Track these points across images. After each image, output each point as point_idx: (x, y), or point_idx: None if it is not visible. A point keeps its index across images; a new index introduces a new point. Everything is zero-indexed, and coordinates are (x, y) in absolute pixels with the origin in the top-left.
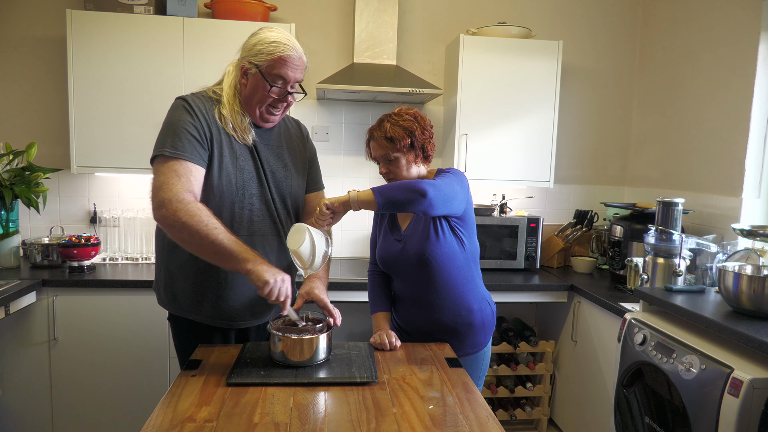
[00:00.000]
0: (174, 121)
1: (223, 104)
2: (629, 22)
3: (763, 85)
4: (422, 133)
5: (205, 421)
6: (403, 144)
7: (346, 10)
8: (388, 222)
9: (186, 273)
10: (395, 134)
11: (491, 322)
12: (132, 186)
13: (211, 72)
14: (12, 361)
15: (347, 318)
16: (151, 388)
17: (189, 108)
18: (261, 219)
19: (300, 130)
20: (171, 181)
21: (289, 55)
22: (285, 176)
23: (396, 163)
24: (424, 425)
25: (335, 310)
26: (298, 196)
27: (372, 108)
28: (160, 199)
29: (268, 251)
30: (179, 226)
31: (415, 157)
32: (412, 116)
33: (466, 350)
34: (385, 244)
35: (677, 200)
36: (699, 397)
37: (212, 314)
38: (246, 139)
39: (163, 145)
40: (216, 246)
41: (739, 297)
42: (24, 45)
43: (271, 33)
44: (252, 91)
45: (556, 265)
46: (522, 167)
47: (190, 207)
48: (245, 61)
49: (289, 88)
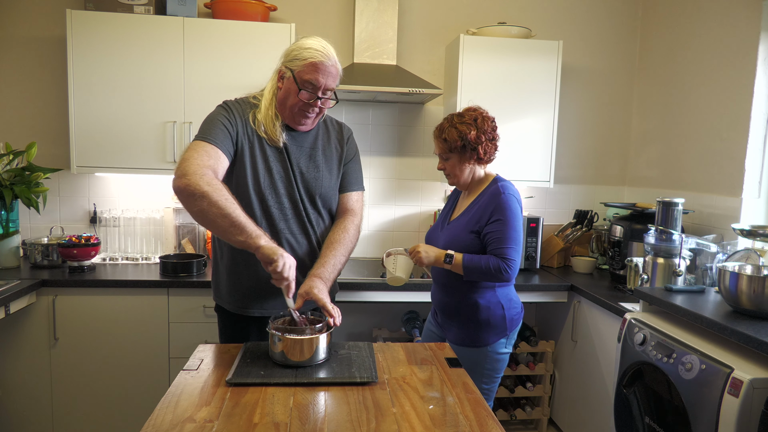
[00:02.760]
0: (212, 116)
1: (259, 109)
2: (629, 22)
3: (763, 85)
4: (477, 137)
5: (205, 421)
6: (455, 146)
7: (346, 10)
8: (445, 211)
9: (226, 264)
10: (449, 136)
11: (499, 325)
12: (132, 186)
13: (211, 72)
14: (12, 361)
15: (347, 318)
16: (151, 388)
17: (227, 108)
18: (289, 218)
19: (342, 132)
20: (198, 155)
21: (321, 61)
22: (315, 177)
23: (450, 162)
24: (424, 425)
25: (335, 310)
26: (330, 197)
27: (372, 108)
28: (183, 169)
29: (295, 248)
30: (199, 194)
31: (468, 159)
32: (472, 118)
33: (466, 341)
34: (433, 227)
35: (677, 200)
36: (699, 397)
37: (244, 304)
38: (276, 141)
39: (199, 132)
40: (232, 219)
41: (739, 297)
42: (24, 45)
43: (309, 40)
44: (285, 95)
45: (556, 265)
46: (522, 167)
47: (212, 179)
48: (283, 66)
49: (319, 93)
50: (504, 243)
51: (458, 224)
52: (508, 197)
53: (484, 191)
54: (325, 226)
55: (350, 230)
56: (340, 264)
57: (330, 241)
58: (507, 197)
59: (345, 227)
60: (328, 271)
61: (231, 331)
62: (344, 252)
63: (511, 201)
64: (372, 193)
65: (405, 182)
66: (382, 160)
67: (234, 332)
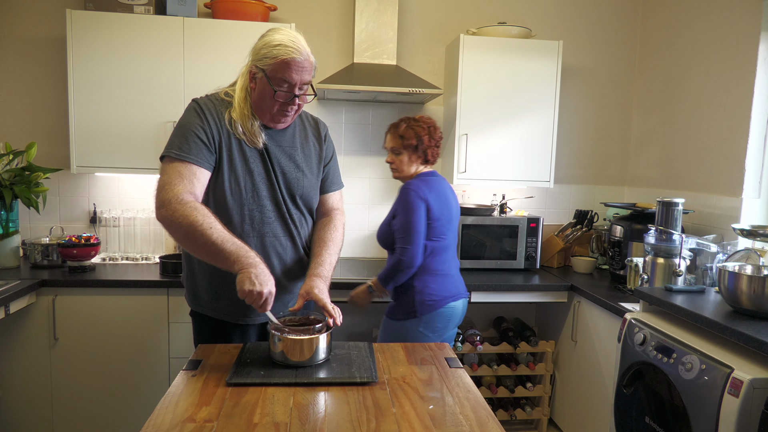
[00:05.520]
0: (184, 123)
1: (233, 107)
2: (629, 22)
3: (763, 85)
4: (429, 140)
5: (205, 421)
6: (409, 143)
7: (346, 10)
8: None
9: (204, 270)
10: (406, 134)
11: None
12: (132, 186)
13: (211, 72)
14: (12, 361)
15: (347, 318)
16: (151, 388)
17: (200, 111)
18: (273, 220)
19: (318, 129)
20: (173, 181)
21: (293, 58)
22: (296, 177)
23: (400, 157)
24: (424, 425)
25: (335, 310)
26: (311, 197)
27: (372, 108)
28: (161, 199)
29: (281, 252)
30: (176, 225)
31: (416, 158)
32: (426, 125)
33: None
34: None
35: (677, 200)
36: (699, 397)
37: (229, 311)
38: (256, 142)
39: (171, 146)
40: (209, 246)
41: (739, 297)
42: (24, 45)
43: (277, 35)
44: (260, 96)
45: (556, 265)
46: (522, 167)
47: (187, 207)
48: (253, 65)
49: (296, 90)
50: (398, 233)
51: (385, 219)
52: (408, 191)
53: None
54: (308, 226)
55: (339, 229)
56: (335, 262)
57: (323, 240)
58: (406, 191)
59: (335, 226)
60: (326, 269)
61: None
62: (337, 250)
63: (409, 194)
64: (371, 193)
65: None
66: (381, 160)
67: (214, 339)
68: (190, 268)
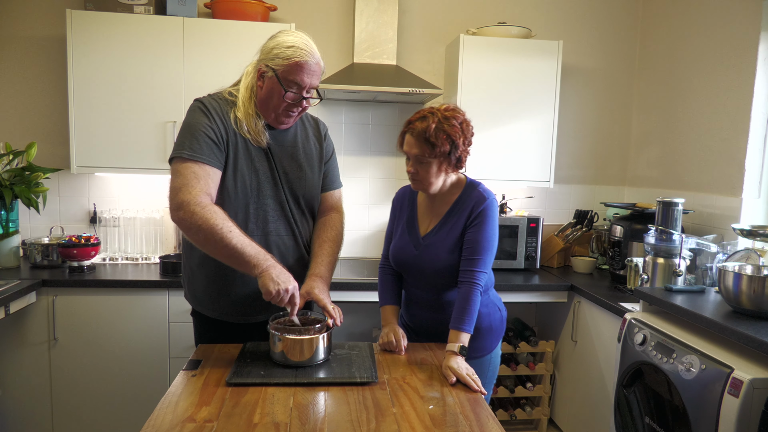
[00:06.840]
0: (192, 123)
1: (238, 107)
2: (629, 22)
3: (763, 85)
4: (464, 143)
5: (205, 421)
6: (441, 151)
7: (346, 10)
8: (407, 221)
9: (205, 270)
10: (437, 139)
11: (499, 328)
12: (132, 186)
13: (211, 72)
14: (12, 361)
15: (347, 318)
16: (151, 388)
17: (206, 111)
18: (276, 219)
19: (318, 128)
20: (190, 183)
21: (306, 61)
22: (298, 176)
23: (427, 167)
24: (424, 425)
25: (336, 311)
26: (312, 196)
27: (372, 108)
28: (179, 201)
29: (283, 251)
30: (195, 228)
31: (448, 166)
32: (460, 123)
33: (470, 353)
34: (401, 245)
35: (677, 200)
36: (699, 397)
37: (230, 310)
38: (260, 141)
39: (182, 147)
40: (229, 249)
41: (739, 297)
42: (24, 45)
43: (290, 37)
44: (267, 95)
45: (556, 265)
46: (522, 167)
47: (206, 210)
48: (262, 63)
49: (304, 93)
50: (480, 255)
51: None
52: (492, 205)
53: (461, 198)
54: (309, 226)
55: (339, 228)
56: (335, 262)
57: (323, 239)
58: (489, 204)
59: (334, 225)
60: (326, 269)
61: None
62: (337, 250)
63: (494, 209)
64: (371, 193)
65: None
66: (381, 160)
67: (214, 339)
68: (190, 268)
